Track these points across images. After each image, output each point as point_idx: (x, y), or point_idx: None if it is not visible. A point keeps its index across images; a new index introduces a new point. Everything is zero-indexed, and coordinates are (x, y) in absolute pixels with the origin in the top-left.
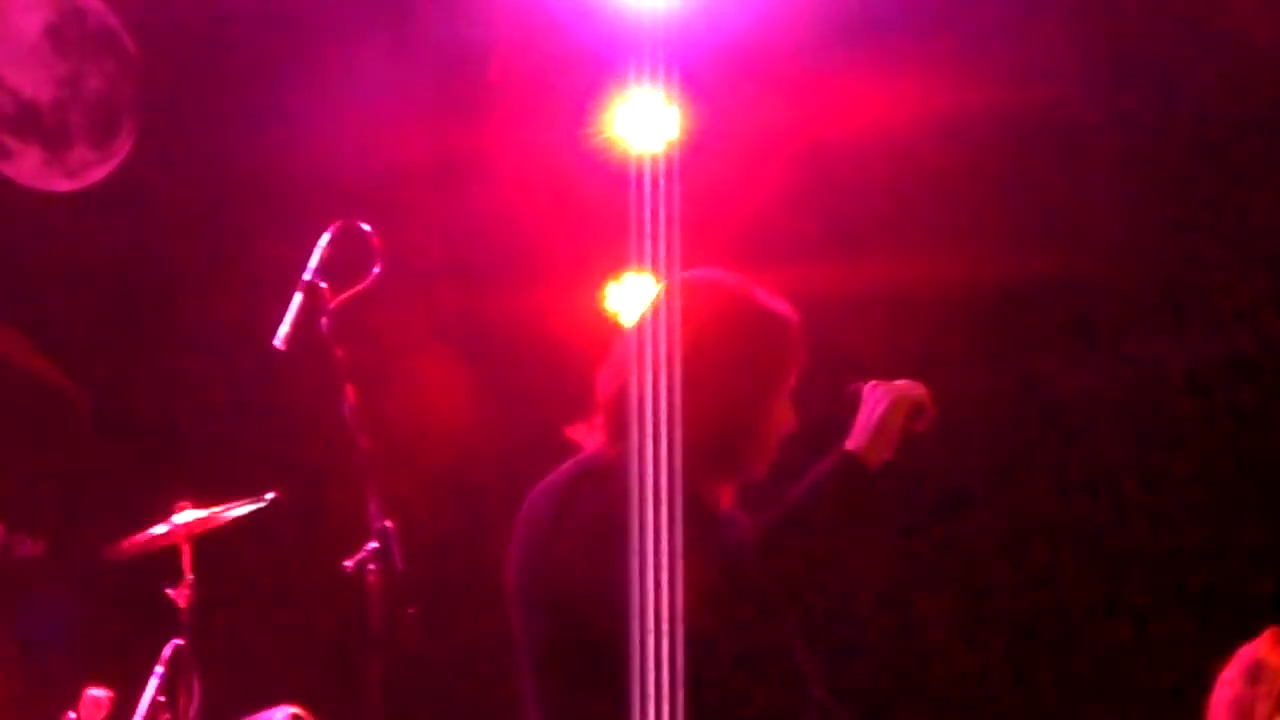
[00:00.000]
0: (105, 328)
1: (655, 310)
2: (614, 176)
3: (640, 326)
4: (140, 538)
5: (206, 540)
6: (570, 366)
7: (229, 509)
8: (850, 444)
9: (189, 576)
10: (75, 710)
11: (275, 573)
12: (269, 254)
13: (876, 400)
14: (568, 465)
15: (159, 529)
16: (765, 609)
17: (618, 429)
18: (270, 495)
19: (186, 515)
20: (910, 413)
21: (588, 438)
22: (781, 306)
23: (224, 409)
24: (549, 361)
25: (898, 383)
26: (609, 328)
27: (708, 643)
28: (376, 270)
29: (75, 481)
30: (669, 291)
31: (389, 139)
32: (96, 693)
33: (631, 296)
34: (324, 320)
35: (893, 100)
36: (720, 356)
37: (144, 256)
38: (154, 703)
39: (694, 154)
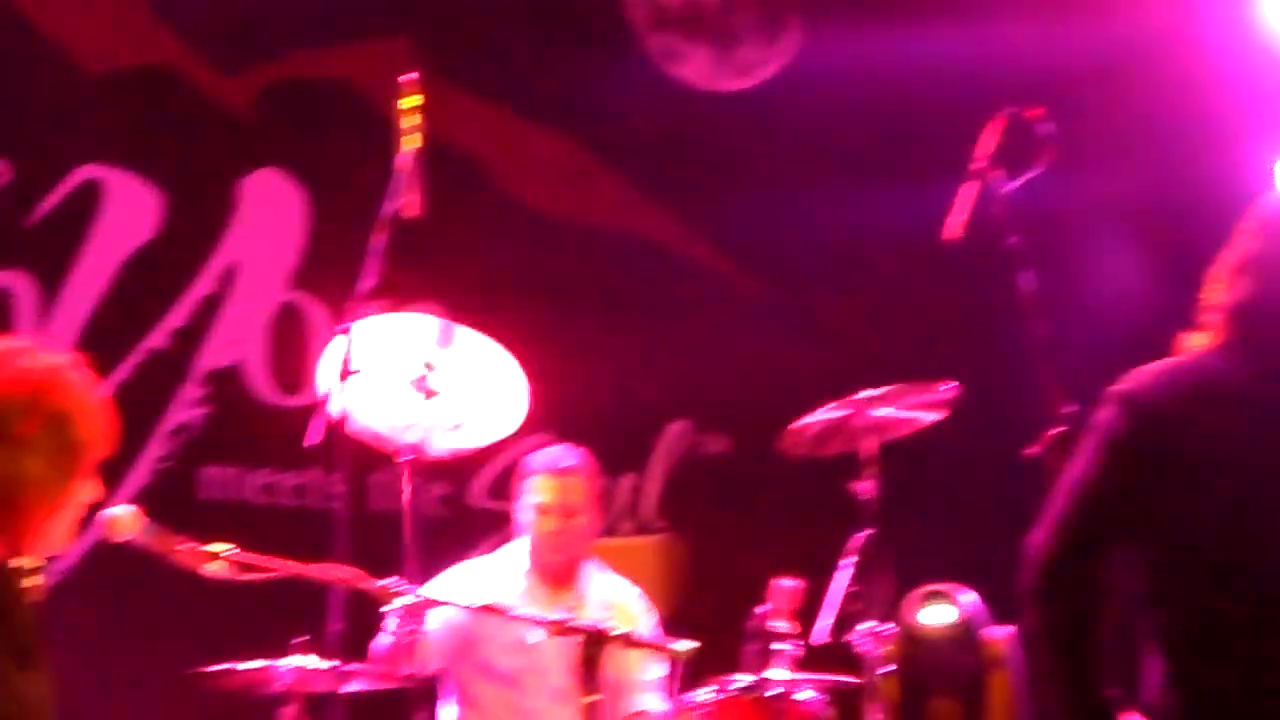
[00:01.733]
0: (780, 220)
1: None
2: None
3: None
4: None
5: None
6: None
7: (908, 398)
8: None
9: (871, 469)
10: (768, 600)
11: (957, 461)
12: (937, 146)
13: None
14: None
15: (837, 412)
16: None
17: None
18: (947, 386)
19: (878, 412)
20: None
21: None
22: None
23: (903, 299)
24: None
25: None
26: None
27: None
28: (1046, 158)
29: (759, 378)
30: None
31: (1054, 29)
32: (788, 582)
33: None
34: (996, 209)
35: None
36: None
37: (811, 151)
38: (846, 593)
39: None
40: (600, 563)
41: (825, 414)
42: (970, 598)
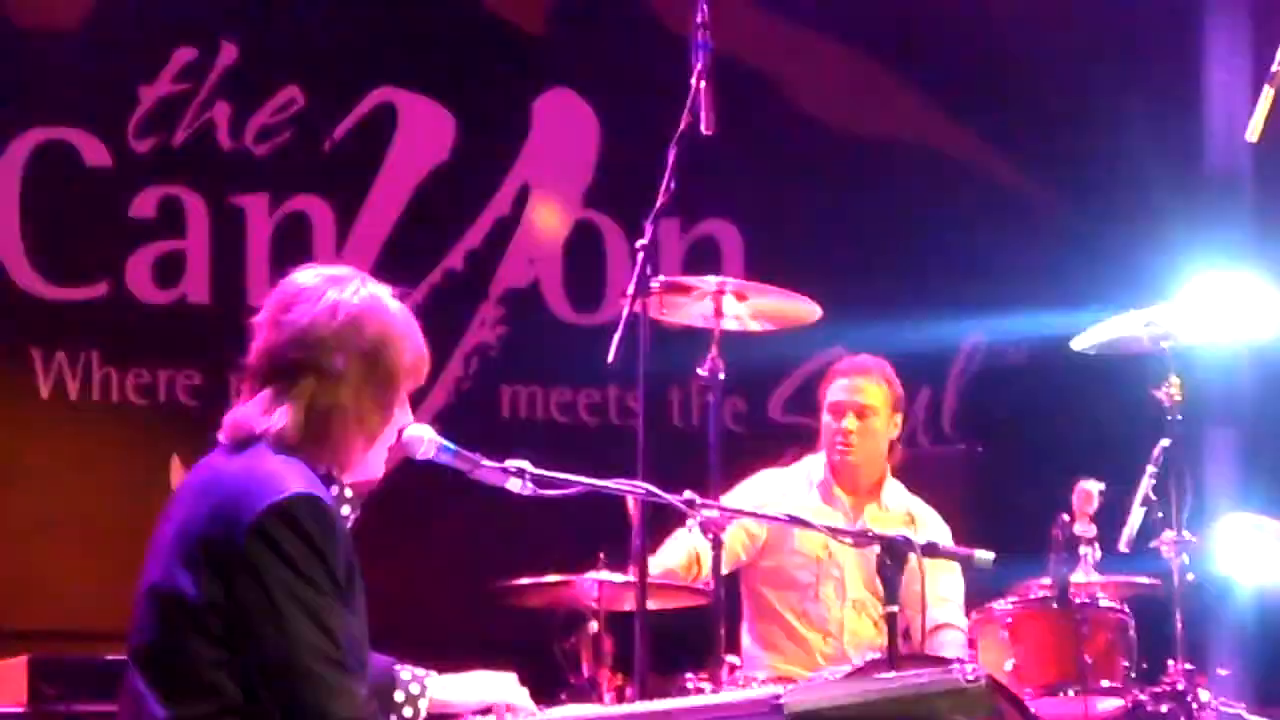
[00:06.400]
0: (1076, 135)
1: None
2: None
3: None
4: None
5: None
6: None
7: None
8: None
9: (1171, 377)
10: (1071, 504)
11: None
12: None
13: None
14: None
15: None
16: None
17: None
18: None
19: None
20: None
21: None
22: None
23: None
24: None
25: None
26: None
27: None
28: None
29: (1054, 290)
30: None
31: None
32: (1089, 484)
33: None
34: None
35: None
36: None
37: (1107, 65)
38: (1146, 500)
39: None
40: (895, 478)
41: (1118, 321)
42: None
